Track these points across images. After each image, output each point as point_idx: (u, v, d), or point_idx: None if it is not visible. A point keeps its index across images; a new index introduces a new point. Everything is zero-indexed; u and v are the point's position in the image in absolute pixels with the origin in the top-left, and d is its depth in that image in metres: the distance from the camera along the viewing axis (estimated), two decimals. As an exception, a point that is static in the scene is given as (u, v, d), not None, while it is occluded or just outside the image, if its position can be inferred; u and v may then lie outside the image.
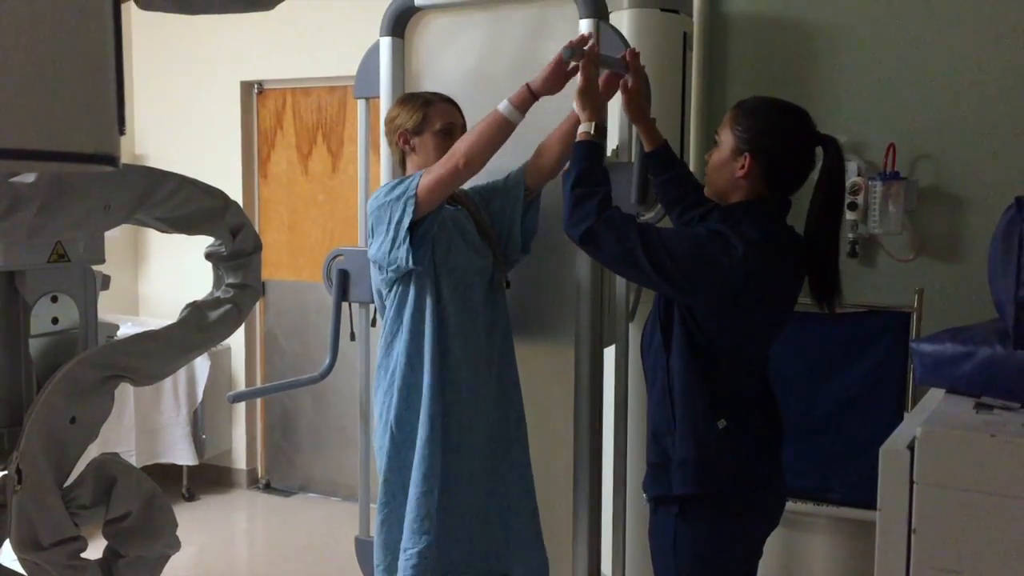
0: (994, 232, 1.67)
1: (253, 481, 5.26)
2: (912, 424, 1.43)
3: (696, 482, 2.13)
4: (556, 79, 2.37)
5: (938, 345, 1.63)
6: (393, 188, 2.46)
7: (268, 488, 5.24)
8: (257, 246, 1.75)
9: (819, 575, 3.28)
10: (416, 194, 2.40)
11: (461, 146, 2.39)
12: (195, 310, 1.70)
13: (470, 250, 2.57)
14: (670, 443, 2.17)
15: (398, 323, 2.56)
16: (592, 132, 2.20)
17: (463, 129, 2.59)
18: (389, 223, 2.44)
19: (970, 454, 1.35)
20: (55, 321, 1.59)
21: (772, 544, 3.34)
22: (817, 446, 3.24)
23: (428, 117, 2.56)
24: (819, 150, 2.17)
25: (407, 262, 2.43)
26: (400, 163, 2.65)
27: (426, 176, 2.41)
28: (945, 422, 1.42)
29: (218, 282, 1.76)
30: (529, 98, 2.38)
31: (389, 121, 2.63)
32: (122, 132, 1.30)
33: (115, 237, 4.98)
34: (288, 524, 4.83)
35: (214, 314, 1.71)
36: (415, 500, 2.48)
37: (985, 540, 1.33)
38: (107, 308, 4.74)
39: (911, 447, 1.38)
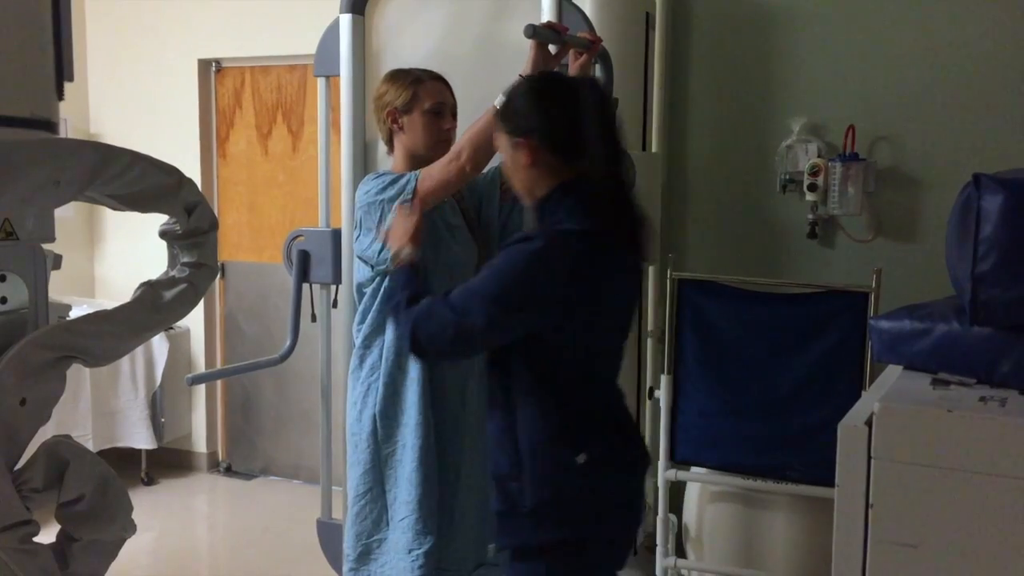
0: (951, 209, 1.69)
1: (214, 464, 5.22)
2: (870, 400, 1.45)
3: (556, 527, 1.91)
4: (544, 63, 2.37)
5: (896, 322, 1.64)
6: (386, 187, 2.42)
7: (229, 471, 5.20)
8: (213, 224, 1.71)
9: (779, 551, 3.31)
10: (413, 198, 2.37)
11: (466, 147, 2.35)
12: (149, 289, 1.66)
13: (458, 245, 2.55)
14: (516, 489, 1.94)
15: (381, 317, 2.52)
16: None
17: (453, 109, 2.57)
18: (380, 223, 2.41)
19: (927, 429, 1.36)
20: (3, 301, 1.55)
21: (733, 522, 3.38)
22: (776, 425, 3.26)
23: (418, 95, 2.52)
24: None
25: None
26: (387, 141, 2.61)
27: (427, 180, 2.38)
28: (903, 398, 1.44)
29: (173, 261, 1.73)
30: None
31: (377, 98, 2.59)
32: (60, 97, 1.27)
33: (70, 217, 4.91)
34: (249, 507, 4.80)
35: (169, 294, 1.67)
36: (416, 501, 2.48)
37: (942, 514, 1.35)
38: (62, 289, 4.67)
39: (869, 423, 1.39)
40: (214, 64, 5.03)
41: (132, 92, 5.08)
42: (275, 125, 4.96)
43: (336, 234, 3.04)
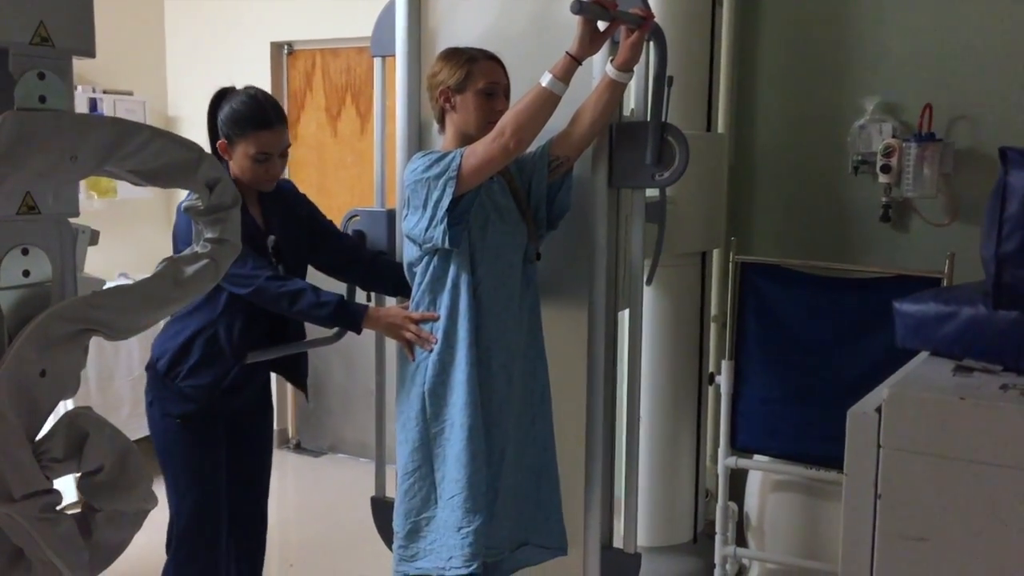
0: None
1: (284, 441, 5.32)
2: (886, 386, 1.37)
3: None
4: (592, 40, 2.34)
5: (921, 305, 1.55)
6: (432, 164, 2.41)
7: (298, 448, 5.31)
8: (235, 200, 1.72)
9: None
10: (458, 175, 2.35)
11: (510, 124, 2.33)
12: (171, 264, 1.68)
13: (506, 226, 2.52)
14: None
15: (430, 297, 2.53)
16: None
17: (507, 90, 2.54)
18: (427, 201, 2.40)
19: (938, 418, 1.27)
20: (26, 274, 1.58)
21: (795, 511, 3.30)
22: (840, 413, 3.14)
23: (471, 75, 2.49)
24: None
25: (444, 242, 2.40)
26: (439, 120, 2.61)
27: (471, 157, 2.36)
28: (917, 384, 1.35)
29: (196, 236, 1.74)
30: (572, 65, 2.34)
31: (431, 76, 2.58)
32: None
33: (148, 198, 5.02)
34: (318, 483, 4.90)
35: (191, 269, 1.69)
36: (466, 480, 2.47)
37: (953, 507, 1.26)
38: (138, 266, 4.76)
39: (879, 410, 1.32)
40: (286, 47, 5.10)
41: (208, 76, 5.16)
42: (344, 107, 5.00)
43: (391, 214, 3.05)
